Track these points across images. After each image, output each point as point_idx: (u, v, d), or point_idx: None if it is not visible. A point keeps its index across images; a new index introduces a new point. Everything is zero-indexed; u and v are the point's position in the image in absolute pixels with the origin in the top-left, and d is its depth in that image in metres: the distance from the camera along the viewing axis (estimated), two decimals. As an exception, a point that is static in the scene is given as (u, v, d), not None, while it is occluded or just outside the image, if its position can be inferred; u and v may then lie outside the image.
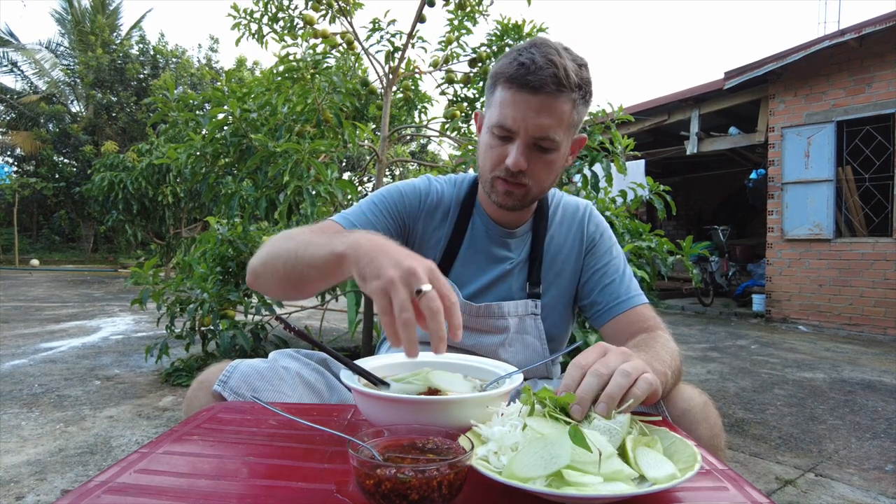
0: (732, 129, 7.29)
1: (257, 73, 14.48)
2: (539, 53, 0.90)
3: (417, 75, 4.11)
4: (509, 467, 0.54)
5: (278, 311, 3.40)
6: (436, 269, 0.65)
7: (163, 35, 24.23)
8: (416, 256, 0.66)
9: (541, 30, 3.62)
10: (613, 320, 1.03)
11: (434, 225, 1.09)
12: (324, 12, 3.66)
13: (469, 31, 3.74)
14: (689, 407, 0.83)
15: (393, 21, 3.61)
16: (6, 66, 16.15)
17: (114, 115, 15.01)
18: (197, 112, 3.41)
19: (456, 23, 3.70)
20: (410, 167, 9.08)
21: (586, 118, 3.21)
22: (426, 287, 0.62)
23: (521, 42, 0.98)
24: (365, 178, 8.89)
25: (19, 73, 16.46)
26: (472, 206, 1.10)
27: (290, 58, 3.11)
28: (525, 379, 1.06)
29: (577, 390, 0.63)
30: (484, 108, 1.04)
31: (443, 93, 4.14)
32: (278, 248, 0.85)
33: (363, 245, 0.69)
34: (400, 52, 3.62)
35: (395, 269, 0.63)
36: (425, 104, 4.44)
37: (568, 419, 0.60)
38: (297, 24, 3.79)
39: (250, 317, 3.38)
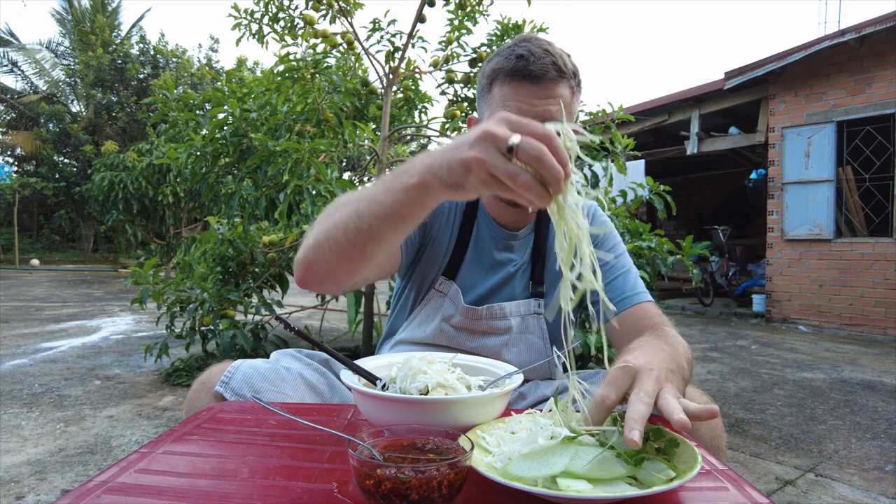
0: (733, 129, 7.29)
1: (258, 73, 14.48)
2: (534, 45, 0.92)
3: (418, 75, 4.10)
4: (506, 468, 0.54)
5: (278, 311, 3.40)
6: (509, 115, 0.57)
7: (163, 35, 24.25)
8: (480, 126, 0.57)
9: (541, 30, 3.61)
10: (618, 317, 1.02)
11: (445, 227, 1.10)
12: (324, 12, 3.65)
13: (469, 31, 3.74)
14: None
15: (393, 21, 3.61)
16: (6, 65, 16.17)
17: (114, 114, 15.01)
18: (197, 112, 3.41)
19: (456, 23, 3.70)
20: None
21: (585, 118, 3.21)
22: (514, 139, 0.54)
23: (508, 41, 0.98)
24: (365, 178, 8.89)
25: (20, 72, 16.48)
26: (475, 209, 1.11)
27: (291, 58, 3.11)
28: (527, 380, 1.07)
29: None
30: (477, 112, 1.04)
31: (443, 93, 4.14)
32: (332, 220, 0.76)
33: (428, 162, 0.62)
34: (400, 52, 3.62)
35: (473, 148, 0.56)
36: (425, 104, 4.44)
37: (575, 432, 0.59)
38: (298, 24, 3.79)
39: (250, 317, 3.38)
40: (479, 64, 3.75)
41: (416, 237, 1.05)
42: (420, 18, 3.57)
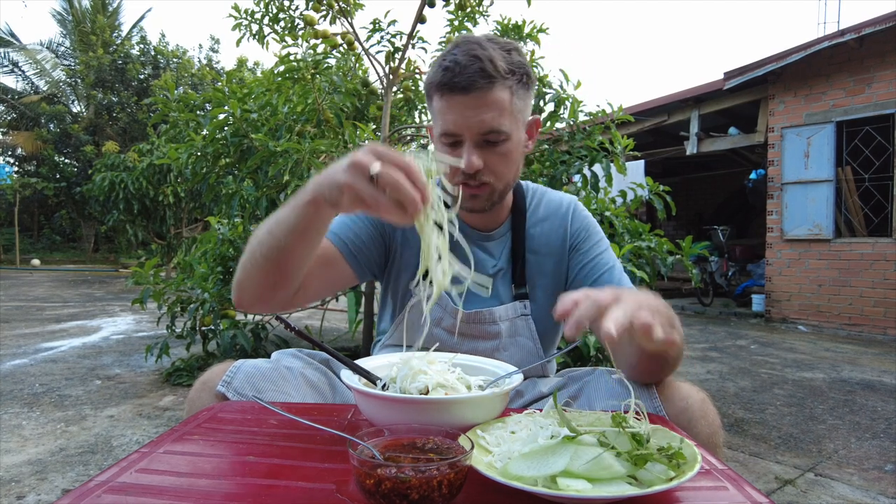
0: (732, 130, 7.29)
1: (258, 73, 14.48)
2: (461, 53, 0.90)
3: (418, 75, 4.10)
4: (506, 468, 0.54)
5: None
6: (377, 146, 0.67)
7: (163, 35, 24.24)
8: (351, 154, 0.68)
9: (541, 30, 3.62)
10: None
11: (414, 231, 1.09)
12: (324, 13, 3.66)
13: (469, 32, 3.74)
14: (687, 405, 0.83)
15: (393, 22, 3.61)
16: (7, 66, 16.17)
17: (115, 115, 15.01)
18: (198, 112, 3.41)
19: (456, 23, 3.70)
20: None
21: (585, 118, 3.21)
22: (374, 169, 0.63)
23: (447, 46, 0.98)
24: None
25: (20, 73, 16.48)
26: None
27: (291, 58, 3.11)
28: (524, 378, 1.07)
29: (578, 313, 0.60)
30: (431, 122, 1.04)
31: (443, 93, 4.13)
32: (252, 245, 0.85)
33: (318, 181, 0.73)
34: (400, 53, 3.62)
35: (344, 173, 0.66)
36: (426, 105, 4.44)
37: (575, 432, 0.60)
38: (298, 24, 3.79)
39: (251, 317, 3.38)
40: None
41: (371, 247, 1.03)
42: (420, 19, 3.57)
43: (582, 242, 1.08)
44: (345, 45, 3.69)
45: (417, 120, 4.55)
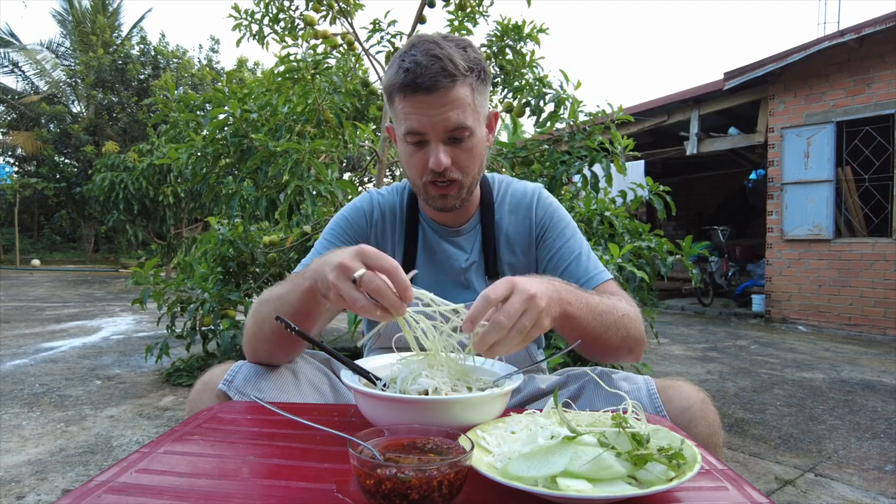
0: (732, 130, 7.29)
1: (258, 73, 14.49)
2: (420, 53, 0.90)
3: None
4: (506, 468, 0.54)
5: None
6: (365, 248, 0.71)
7: (163, 35, 24.23)
8: (344, 250, 0.72)
9: (541, 30, 3.62)
10: None
11: (387, 237, 1.10)
12: (324, 13, 3.66)
13: (469, 32, 3.74)
14: (687, 405, 0.83)
15: (393, 22, 3.61)
16: (7, 66, 16.16)
17: (115, 115, 15.01)
18: (198, 112, 3.41)
19: (456, 23, 3.70)
20: (411, 167, 9.07)
21: (585, 118, 3.21)
22: (358, 273, 0.68)
23: (402, 47, 0.98)
24: (365, 179, 8.90)
25: (20, 73, 16.47)
26: (416, 211, 1.10)
27: (291, 58, 3.11)
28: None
29: (482, 331, 0.69)
30: (392, 122, 1.03)
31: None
32: (261, 317, 0.87)
33: (315, 268, 0.77)
34: (400, 53, 3.62)
35: (332, 272, 0.71)
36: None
37: (574, 431, 0.60)
38: (298, 24, 3.80)
39: (250, 317, 3.37)
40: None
41: None
42: (420, 19, 3.57)
43: (547, 232, 1.08)
44: (345, 46, 3.69)
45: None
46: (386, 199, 1.12)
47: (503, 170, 3.09)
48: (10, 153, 17.02)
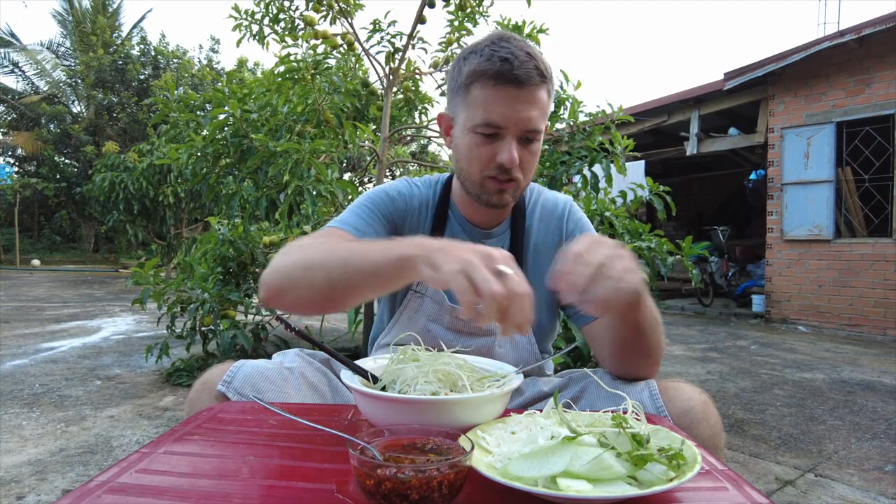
0: (732, 130, 7.29)
1: (258, 73, 14.49)
2: (515, 48, 0.90)
3: (418, 76, 4.11)
4: (506, 468, 0.54)
5: (279, 311, 3.40)
6: (512, 259, 0.65)
7: (164, 36, 24.23)
8: (481, 246, 0.65)
9: (541, 30, 3.62)
10: (595, 321, 0.98)
11: (419, 228, 1.08)
12: (324, 13, 3.66)
13: (469, 32, 3.74)
14: (689, 406, 0.83)
15: (393, 22, 3.61)
16: (7, 66, 16.16)
17: (115, 115, 15.01)
18: (198, 112, 3.41)
19: (456, 24, 3.70)
20: (411, 168, 9.09)
21: (585, 119, 3.21)
22: (508, 270, 0.61)
23: (483, 39, 0.96)
24: (365, 179, 8.89)
25: (20, 73, 16.47)
26: (447, 208, 1.09)
27: (291, 58, 3.11)
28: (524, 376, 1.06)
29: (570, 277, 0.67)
30: (448, 109, 1.01)
31: (443, 94, 4.14)
32: (312, 259, 0.79)
33: (429, 244, 0.68)
34: (400, 53, 3.63)
35: (473, 253, 0.63)
36: (426, 105, 4.44)
37: (575, 432, 0.60)
38: (298, 24, 3.80)
39: (251, 317, 3.38)
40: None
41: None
42: (420, 19, 3.57)
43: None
44: (345, 46, 3.69)
45: (417, 120, 4.55)
46: (422, 192, 1.10)
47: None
48: (10, 153, 17.03)
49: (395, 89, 3.89)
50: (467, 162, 0.97)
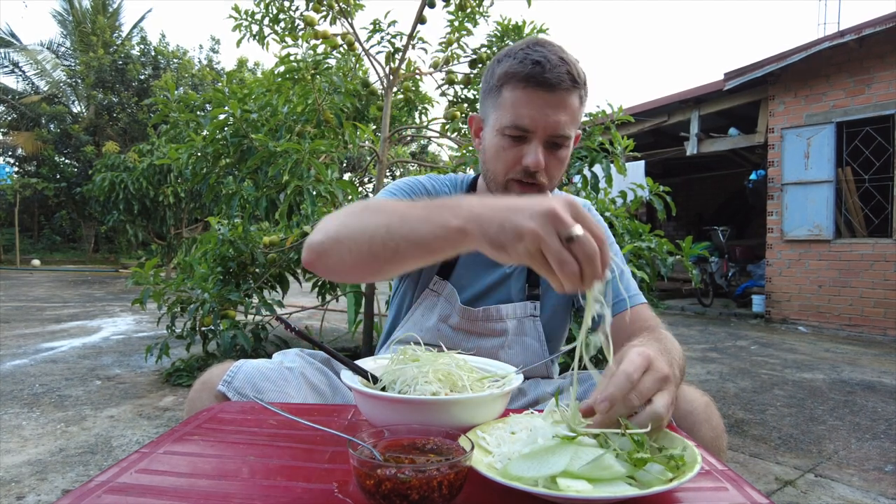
0: (732, 130, 7.29)
1: (258, 73, 14.49)
2: (549, 52, 0.90)
3: (418, 76, 4.11)
4: (506, 468, 0.54)
5: (279, 311, 3.40)
6: (575, 203, 0.58)
7: (164, 36, 24.26)
8: (547, 198, 0.58)
9: (541, 31, 3.62)
10: (613, 320, 0.99)
11: None
12: (324, 13, 3.66)
13: (469, 32, 3.75)
14: (691, 409, 0.83)
15: (393, 22, 3.61)
16: (8, 66, 16.16)
17: (115, 115, 15.01)
18: (198, 113, 3.41)
19: (456, 24, 3.70)
20: (411, 168, 9.09)
21: (585, 119, 3.21)
22: (577, 231, 0.55)
23: (518, 43, 0.96)
24: (365, 179, 8.89)
25: (21, 73, 16.47)
26: None
27: (291, 59, 3.12)
28: (526, 378, 1.07)
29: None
30: (480, 111, 1.02)
31: (443, 94, 4.15)
32: (360, 222, 0.74)
33: (478, 212, 0.61)
34: (400, 53, 3.63)
35: (534, 219, 0.56)
36: (426, 105, 4.44)
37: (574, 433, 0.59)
38: (298, 25, 3.80)
39: (251, 317, 3.38)
40: (480, 65, 3.75)
41: None
42: (420, 20, 3.57)
43: None
44: (345, 46, 3.69)
45: (418, 121, 4.55)
46: (446, 189, 1.11)
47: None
48: (10, 153, 17.03)
49: (395, 89, 3.90)
50: (493, 163, 0.97)
